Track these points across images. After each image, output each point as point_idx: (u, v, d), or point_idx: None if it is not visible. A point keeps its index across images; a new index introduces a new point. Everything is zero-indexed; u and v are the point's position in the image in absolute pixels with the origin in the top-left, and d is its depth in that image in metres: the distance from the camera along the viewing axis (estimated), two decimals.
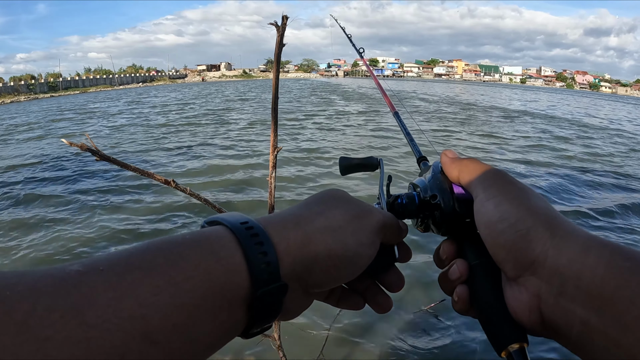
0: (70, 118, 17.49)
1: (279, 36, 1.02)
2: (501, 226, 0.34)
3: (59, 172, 7.60)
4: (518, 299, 0.34)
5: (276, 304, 0.31)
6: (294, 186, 6.33)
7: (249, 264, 0.29)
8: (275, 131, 1.12)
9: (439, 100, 25.46)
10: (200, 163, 7.98)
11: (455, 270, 0.40)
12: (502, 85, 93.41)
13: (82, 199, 5.88)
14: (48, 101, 36.76)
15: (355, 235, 0.36)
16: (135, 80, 79.55)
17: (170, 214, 5.18)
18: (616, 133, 14.16)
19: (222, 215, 0.33)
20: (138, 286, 0.24)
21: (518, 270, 0.33)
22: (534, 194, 0.36)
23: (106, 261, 0.25)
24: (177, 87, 59.49)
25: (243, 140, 10.37)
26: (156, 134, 11.83)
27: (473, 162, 0.41)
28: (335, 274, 0.35)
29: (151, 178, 1.15)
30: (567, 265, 0.30)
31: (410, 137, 0.64)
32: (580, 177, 7.33)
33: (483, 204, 0.37)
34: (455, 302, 0.40)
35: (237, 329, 0.30)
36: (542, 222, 0.33)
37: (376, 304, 0.42)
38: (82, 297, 0.22)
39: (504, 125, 14.36)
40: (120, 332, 0.22)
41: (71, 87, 61.29)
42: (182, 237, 0.29)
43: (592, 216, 5.32)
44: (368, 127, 12.21)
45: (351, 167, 0.56)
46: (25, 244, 4.47)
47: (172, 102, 24.30)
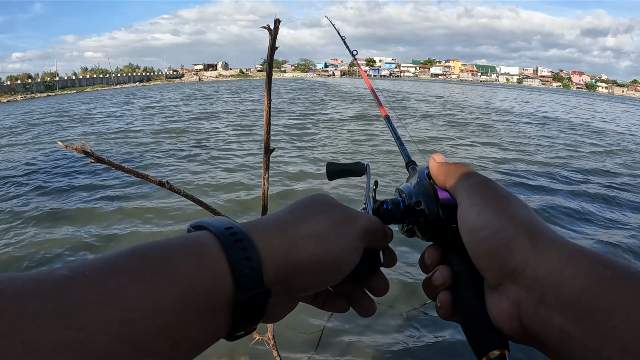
0: (51, 122, 17.03)
1: (271, 39, 1.03)
2: (483, 234, 0.35)
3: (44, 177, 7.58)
4: (499, 306, 0.34)
5: (260, 308, 0.31)
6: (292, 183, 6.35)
7: (233, 269, 0.30)
8: (268, 133, 1.13)
9: (435, 101, 25.48)
10: (193, 165, 7.96)
11: (438, 277, 0.40)
12: (499, 86, 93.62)
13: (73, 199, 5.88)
14: (40, 101, 36.56)
15: (339, 241, 0.37)
16: (132, 80, 79.18)
17: (165, 216, 5.18)
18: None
19: (207, 220, 0.33)
20: (123, 291, 0.24)
21: (499, 278, 0.34)
22: (517, 202, 0.37)
23: (92, 266, 0.25)
24: (174, 86, 59.27)
25: (236, 142, 10.37)
26: (145, 137, 11.78)
27: (459, 168, 0.42)
28: (319, 279, 0.36)
29: (145, 180, 1.16)
30: (547, 274, 0.30)
31: (400, 142, 0.65)
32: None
33: (466, 211, 0.37)
34: (439, 307, 0.40)
35: (221, 332, 0.30)
36: (523, 231, 0.33)
37: (360, 308, 0.43)
38: (69, 301, 0.22)
39: (504, 127, 14.39)
40: (106, 336, 0.22)
41: (68, 87, 60.93)
42: (168, 242, 0.30)
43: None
44: (360, 132, 12.20)
45: (338, 172, 0.57)
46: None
47: (169, 103, 24.18)
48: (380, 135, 10.78)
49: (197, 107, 20.66)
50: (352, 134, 11.37)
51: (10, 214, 5.43)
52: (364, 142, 10.06)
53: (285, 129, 12.10)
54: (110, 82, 71.62)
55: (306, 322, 2.83)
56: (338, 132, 11.83)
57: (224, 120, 14.70)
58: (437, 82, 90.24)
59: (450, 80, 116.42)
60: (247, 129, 12.42)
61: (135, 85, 70.68)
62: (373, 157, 8.39)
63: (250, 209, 5.33)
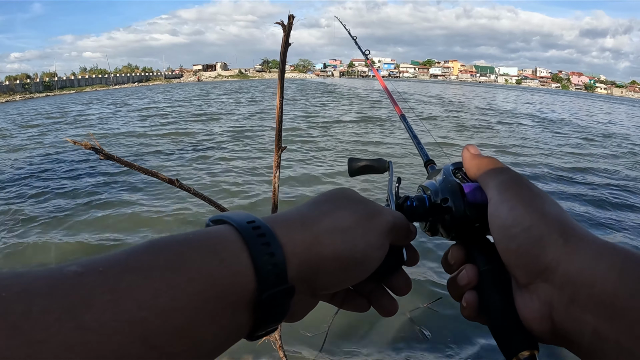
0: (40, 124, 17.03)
1: (284, 35, 1.02)
2: (514, 231, 0.34)
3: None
4: (529, 306, 0.34)
5: (283, 307, 0.30)
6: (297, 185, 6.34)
7: (256, 266, 0.28)
8: (279, 130, 1.12)
9: (435, 101, 25.49)
10: (203, 163, 7.96)
11: (464, 276, 0.39)
12: (498, 86, 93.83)
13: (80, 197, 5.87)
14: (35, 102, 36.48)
15: (365, 236, 0.35)
16: (131, 80, 79.35)
17: (174, 214, 5.17)
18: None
19: (228, 214, 0.32)
20: (137, 288, 0.23)
21: (530, 277, 0.33)
22: (549, 200, 0.36)
23: (105, 262, 0.24)
24: (173, 86, 59.27)
25: (246, 139, 10.36)
26: (153, 132, 11.77)
27: (492, 162, 0.41)
28: (343, 276, 0.35)
29: (155, 177, 1.15)
30: (579, 272, 0.30)
31: (418, 140, 0.64)
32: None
33: (497, 207, 0.36)
34: (464, 307, 0.39)
35: (241, 331, 0.29)
36: (555, 228, 0.32)
37: (381, 307, 0.41)
38: (79, 299, 0.21)
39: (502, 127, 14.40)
40: (119, 336, 0.21)
41: (66, 87, 61.07)
42: (185, 237, 0.28)
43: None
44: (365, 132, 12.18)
45: (360, 168, 0.56)
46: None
47: (169, 103, 24.16)
48: (394, 133, 10.71)
49: (196, 108, 20.65)
50: (353, 136, 11.36)
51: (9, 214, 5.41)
52: (370, 144, 10.05)
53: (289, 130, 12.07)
54: (109, 82, 71.78)
55: (310, 322, 2.81)
56: (341, 133, 11.82)
57: (225, 122, 14.69)
58: (437, 82, 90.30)
59: (449, 81, 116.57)
60: (247, 130, 12.40)
61: (134, 86, 70.81)
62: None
63: (262, 205, 5.30)
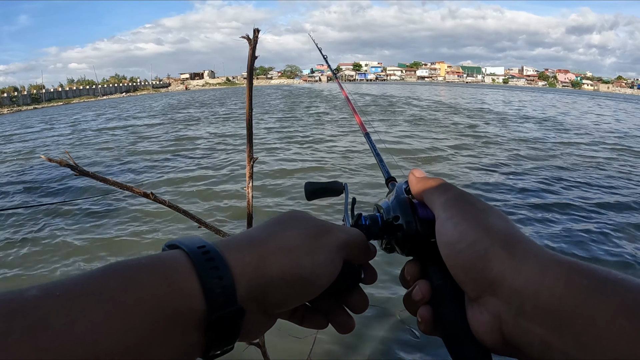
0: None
1: (250, 49, 1.04)
2: (459, 246, 0.35)
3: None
4: (479, 319, 0.34)
5: (233, 327, 0.31)
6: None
7: (204, 288, 0.30)
8: (250, 142, 1.14)
9: (422, 105, 25.59)
10: (177, 175, 7.91)
11: (418, 292, 0.40)
12: (485, 86, 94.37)
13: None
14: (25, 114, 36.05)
15: (312, 254, 0.36)
16: (119, 90, 78.84)
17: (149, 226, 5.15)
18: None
19: (180, 239, 0.34)
20: (90, 311, 0.24)
21: (478, 291, 0.34)
22: (494, 213, 0.37)
23: (63, 286, 0.25)
24: (161, 95, 58.88)
25: (219, 151, 10.29)
26: (128, 145, 11.69)
27: (437, 182, 0.42)
28: (293, 293, 0.35)
29: (130, 191, 1.17)
30: (525, 285, 0.30)
31: (380, 158, 0.65)
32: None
33: (443, 224, 0.37)
34: (419, 322, 0.40)
35: (193, 351, 0.30)
36: (499, 242, 0.33)
37: (338, 324, 0.42)
38: (37, 322, 0.23)
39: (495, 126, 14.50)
40: (72, 357, 0.22)
41: (54, 99, 60.45)
42: (138, 262, 0.30)
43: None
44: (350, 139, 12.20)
45: (316, 191, 0.57)
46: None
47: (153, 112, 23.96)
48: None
49: (180, 115, 20.50)
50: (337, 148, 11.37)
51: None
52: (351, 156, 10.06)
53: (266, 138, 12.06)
54: (96, 93, 71.26)
55: (299, 326, 2.81)
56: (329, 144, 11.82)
57: (206, 128, 14.62)
58: (424, 84, 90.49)
59: (436, 82, 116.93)
60: (231, 137, 12.36)
61: (122, 96, 70.37)
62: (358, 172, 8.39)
63: (236, 218, 5.32)
